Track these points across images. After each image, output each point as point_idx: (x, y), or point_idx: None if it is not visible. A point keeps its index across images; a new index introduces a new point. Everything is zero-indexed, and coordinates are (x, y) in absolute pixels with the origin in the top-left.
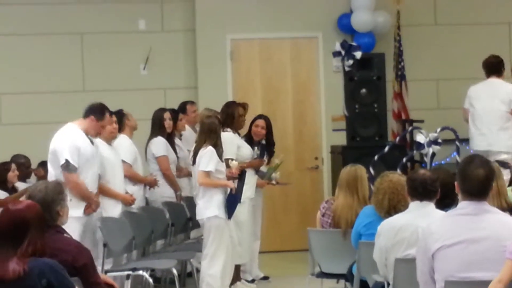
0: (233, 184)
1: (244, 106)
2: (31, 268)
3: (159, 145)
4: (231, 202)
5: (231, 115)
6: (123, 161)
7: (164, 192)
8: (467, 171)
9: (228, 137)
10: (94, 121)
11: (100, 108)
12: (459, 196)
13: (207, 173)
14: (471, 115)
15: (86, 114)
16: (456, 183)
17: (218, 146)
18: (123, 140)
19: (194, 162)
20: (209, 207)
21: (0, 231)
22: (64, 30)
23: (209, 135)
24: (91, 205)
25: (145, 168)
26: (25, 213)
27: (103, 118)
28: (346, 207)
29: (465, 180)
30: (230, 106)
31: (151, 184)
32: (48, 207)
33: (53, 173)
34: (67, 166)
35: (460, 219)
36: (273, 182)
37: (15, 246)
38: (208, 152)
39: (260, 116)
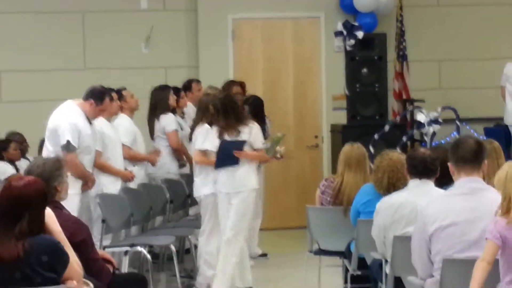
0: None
1: (241, 84)
2: (31, 245)
3: (169, 120)
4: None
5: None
6: (122, 144)
7: (169, 169)
8: (459, 141)
9: None
10: (92, 105)
11: (100, 93)
12: (455, 175)
13: (203, 152)
14: (507, 91)
15: (86, 97)
16: (449, 163)
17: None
18: (122, 120)
19: (190, 139)
20: (206, 184)
21: (0, 208)
22: (65, 8)
23: (205, 113)
24: (87, 183)
25: (147, 144)
26: (25, 190)
27: (102, 103)
28: (355, 185)
29: (457, 148)
30: (226, 84)
31: (152, 161)
32: (46, 183)
33: (51, 150)
34: (67, 146)
35: (455, 199)
36: (278, 155)
37: (14, 223)
38: (203, 130)
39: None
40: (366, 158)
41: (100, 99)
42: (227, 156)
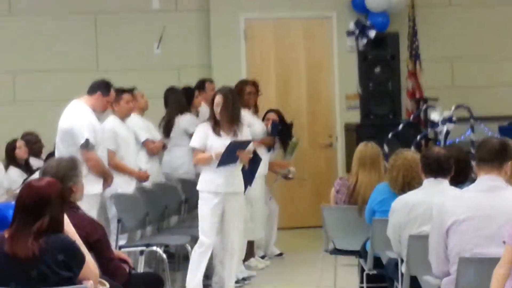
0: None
1: (254, 83)
2: (48, 244)
3: (191, 121)
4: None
5: (238, 92)
6: (147, 139)
7: (188, 169)
8: (484, 141)
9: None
10: (100, 96)
11: (106, 84)
12: (478, 172)
13: (193, 150)
14: None
15: (93, 91)
16: (474, 162)
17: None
18: (135, 119)
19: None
20: (200, 181)
21: (20, 206)
22: (78, 9)
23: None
24: (107, 180)
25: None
26: (46, 190)
27: (109, 93)
28: (369, 184)
29: (481, 147)
30: (238, 84)
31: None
32: (61, 183)
33: (64, 151)
34: (87, 145)
35: (474, 196)
36: (290, 176)
37: (33, 221)
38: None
39: (271, 110)
40: (381, 157)
41: (107, 90)
42: (230, 155)
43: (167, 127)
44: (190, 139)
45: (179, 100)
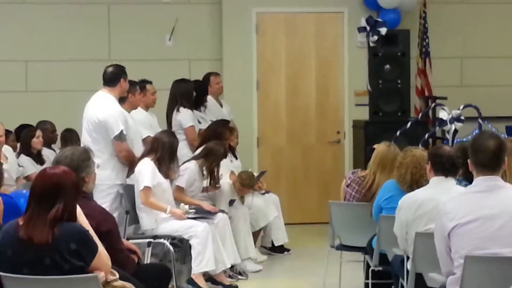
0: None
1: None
2: (61, 232)
3: (187, 115)
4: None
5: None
6: (148, 136)
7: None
8: (478, 144)
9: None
10: (124, 82)
11: (122, 68)
12: (474, 173)
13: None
14: None
15: (115, 81)
16: (468, 160)
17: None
18: (139, 114)
19: None
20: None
21: (36, 193)
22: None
23: None
24: (132, 169)
25: None
26: (61, 178)
27: (127, 76)
28: None
29: (476, 153)
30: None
31: None
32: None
33: (93, 142)
34: (120, 136)
35: (474, 196)
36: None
37: (47, 209)
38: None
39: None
40: None
41: (126, 73)
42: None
43: (167, 119)
44: (185, 134)
45: (188, 94)
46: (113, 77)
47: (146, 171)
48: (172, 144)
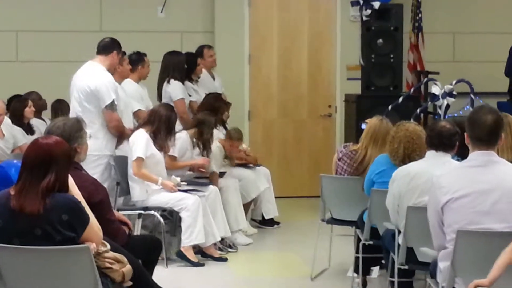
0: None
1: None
2: (52, 203)
3: (177, 88)
4: None
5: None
6: (140, 110)
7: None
8: (476, 118)
9: None
10: (116, 55)
11: (118, 42)
12: (469, 147)
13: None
14: None
15: (108, 50)
16: (465, 134)
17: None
18: (130, 86)
19: None
20: None
21: (26, 162)
22: None
23: None
24: (122, 139)
25: None
26: (53, 148)
27: (120, 52)
28: None
29: (474, 127)
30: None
31: None
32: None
33: (83, 112)
34: (111, 106)
35: (468, 171)
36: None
37: (39, 179)
38: None
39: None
40: None
41: (120, 48)
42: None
43: (158, 91)
44: (175, 107)
45: (174, 65)
46: (108, 46)
47: (140, 142)
48: (169, 118)
